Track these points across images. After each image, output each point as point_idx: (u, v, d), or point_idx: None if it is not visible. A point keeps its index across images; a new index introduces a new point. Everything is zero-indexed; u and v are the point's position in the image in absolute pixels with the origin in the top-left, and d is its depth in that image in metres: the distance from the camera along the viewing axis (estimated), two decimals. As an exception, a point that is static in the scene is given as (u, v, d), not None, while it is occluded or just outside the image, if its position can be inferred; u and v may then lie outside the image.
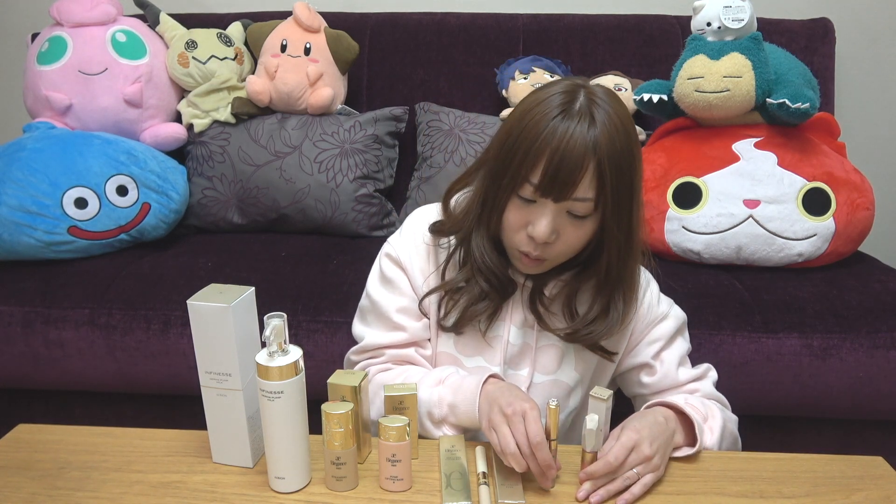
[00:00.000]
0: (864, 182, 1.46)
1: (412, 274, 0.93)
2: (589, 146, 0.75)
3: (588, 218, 0.80)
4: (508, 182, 0.79)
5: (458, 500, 0.73)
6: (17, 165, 1.46)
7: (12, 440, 0.86)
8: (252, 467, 0.80)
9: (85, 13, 1.69)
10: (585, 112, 0.76)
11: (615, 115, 0.77)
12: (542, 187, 0.77)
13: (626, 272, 0.86)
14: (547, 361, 0.93)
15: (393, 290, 0.93)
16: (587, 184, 0.76)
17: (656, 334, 0.93)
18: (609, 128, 0.76)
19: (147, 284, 1.39)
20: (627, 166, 0.77)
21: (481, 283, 0.87)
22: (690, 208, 1.45)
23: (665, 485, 0.78)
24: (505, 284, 0.89)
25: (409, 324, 0.92)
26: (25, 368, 1.38)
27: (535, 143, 0.76)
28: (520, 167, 0.77)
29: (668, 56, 1.77)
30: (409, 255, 0.93)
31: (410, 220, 0.96)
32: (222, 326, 0.74)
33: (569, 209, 0.79)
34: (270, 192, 1.69)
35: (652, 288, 0.96)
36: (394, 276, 0.93)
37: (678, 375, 0.94)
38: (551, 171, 0.75)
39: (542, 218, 0.79)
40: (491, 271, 0.87)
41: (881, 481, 0.80)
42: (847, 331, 1.27)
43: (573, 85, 0.79)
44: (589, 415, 0.76)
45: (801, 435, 1.41)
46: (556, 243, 0.81)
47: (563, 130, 0.75)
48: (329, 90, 1.76)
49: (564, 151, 0.74)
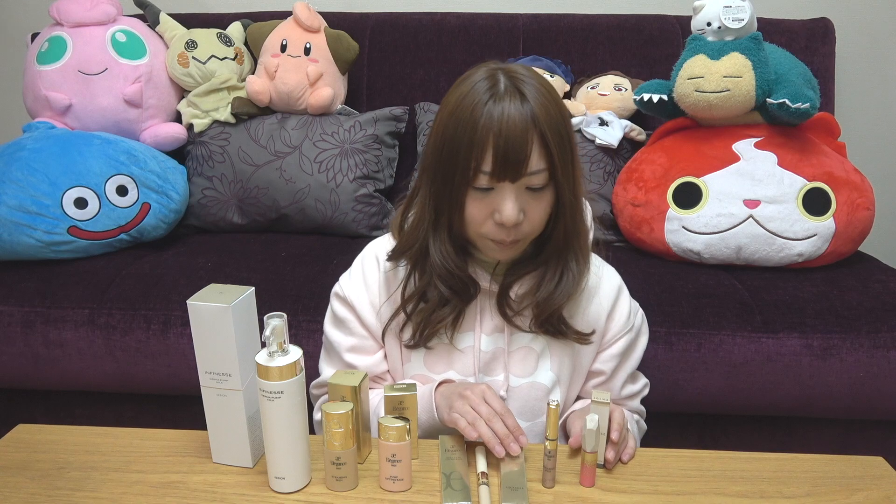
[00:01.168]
0: (864, 182, 1.46)
1: (361, 311, 0.94)
2: (528, 120, 0.76)
3: (546, 188, 0.81)
4: (461, 178, 0.80)
5: (458, 500, 0.73)
6: (17, 165, 1.46)
7: (12, 440, 0.86)
8: (252, 467, 0.80)
9: (85, 13, 1.69)
10: (513, 90, 0.77)
11: (540, 86, 0.79)
12: (497, 172, 0.78)
13: (578, 234, 0.87)
14: (521, 364, 0.93)
15: (343, 330, 0.95)
16: (536, 156, 0.78)
17: (619, 347, 0.95)
18: (540, 98, 0.78)
19: (147, 284, 1.39)
20: (565, 130, 0.80)
21: (441, 289, 0.87)
22: (690, 208, 1.45)
23: (665, 485, 0.78)
24: (466, 286, 0.89)
25: (360, 362, 0.94)
26: (25, 368, 1.38)
27: (475, 133, 0.77)
28: (468, 160, 0.78)
29: (668, 56, 1.77)
30: (356, 293, 0.94)
31: (358, 258, 0.98)
32: (222, 326, 0.74)
33: (527, 185, 0.80)
34: (270, 192, 1.69)
35: (624, 295, 0.97)
36: (344, 316, 0.95)
37: (621, 391, 0.98)
38: (501, 155, 0.77)
39: (506, 202, 0.79)
40: (452, 274, 0.87)
41: (881, 481, 0.80)
42: (847, 331, 1.27)
43: (490, 69, 0.80)
44: (589, 415, 0.76)
45: (801, 435, 1.41)
46: (525, 222, 0.82)
47: (499, 113, 0.76)
48: (329, 90, 1.76)
49: (508, 132, 0.76)
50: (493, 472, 0.79)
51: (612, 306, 0.94)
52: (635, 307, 0.98)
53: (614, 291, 0.95)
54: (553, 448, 0.75)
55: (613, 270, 0.98)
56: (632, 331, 0.96)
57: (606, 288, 0.95)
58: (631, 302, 0.97)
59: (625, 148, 1.72)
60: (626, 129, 1.70)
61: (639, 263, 1.48)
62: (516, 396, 0.93)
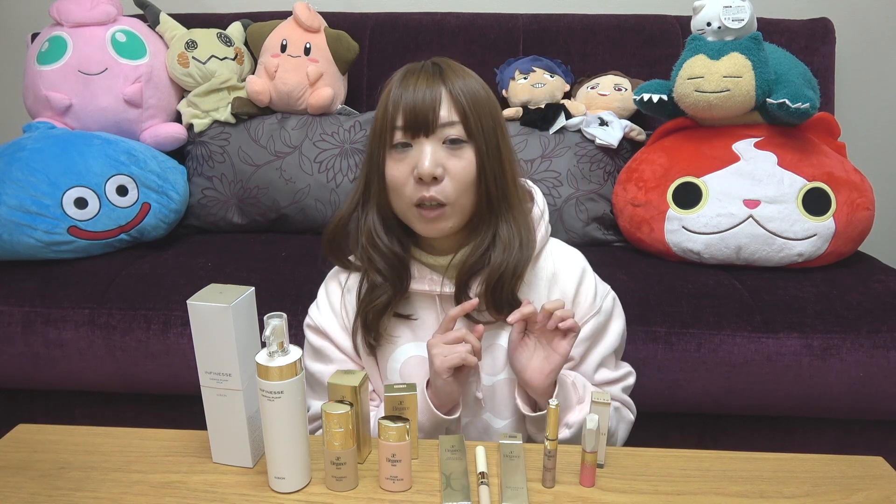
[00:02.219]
0: (864, 182, 1.46)
1: (335, 338, 0.95)
2: (437, 79, 0.84)
3: (465, 146, 0.84)
4: (379, 142, 0.85)
5: (458, 500, 0.73)
6: (17, 165, 1.46)
7: (12, 440, 0.86)
8: (252, 467, 0.80)
9: (85, 13, 1.69)
10: (429, 65, 0.87)
11: (461, 67, 0.87)
12: (409, 125, 0.83)
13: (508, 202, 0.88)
14: (492, 362, 0.93)
15: (322, 360, 0.96)
16: (447, 108, 0.83)
17: (587, 331, 0.94)
18: (454, 69, 0.86)
19: (147, 284, 1.39)
20: (480, 94, 0.85)
21: (377, 266, 0.89)
22: (690, 208, 1.45)
23: (665, 485, 0.78)
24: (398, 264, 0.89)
25: None
26: (25, 368, 1.38)
27: (390, 100, 0.84)
28: (383, 124, 0.84)
29: (668, 56, 1.76)
30: (326, 320, 0.96)
31: (321, 287, 1.00)
32: (222, 326, 0.74)
33: (443, 138, 0.83)
34: (270, 192, 1.69)
35: (588, 276, 0.96)
36: (320, 346, 0.96)
37: (595, 377, 0.96)
38: (410, 109, 0.82)
39: (423, 155, 0.83)
40: (382, 251, 0.89)
41: (881, 481, 0.80)
42: (847, 331, 1.27)
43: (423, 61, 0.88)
44: (589, 415, 0.76)
45: (801, 435, 1.41)
46: (447, 181, 0.84)
47: (412, 79, 0.84)
48: (329, 90, 1.76)
49: (417, 90, 0.83)
50: (492, 472, 0.79)
51: (575, 290, 0.94)
52: (604, 290, 0.97)
53: (577, 275, 0.94)
54: (553, 448, 0.75)
55: (578, 254, 0.97)
56: (600, 313, 0.94)
57: (568, 272, 0.94)
58: (598, 284, 0.96)
59: (625, 148, 1.72)
60: (626, 129, 1.70)
61: (639, 263, 1.48)
62: (491, 394, 0.93)
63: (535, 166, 1.65)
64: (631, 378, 1.01)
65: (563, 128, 1.71)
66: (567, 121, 1.71)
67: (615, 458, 0.83)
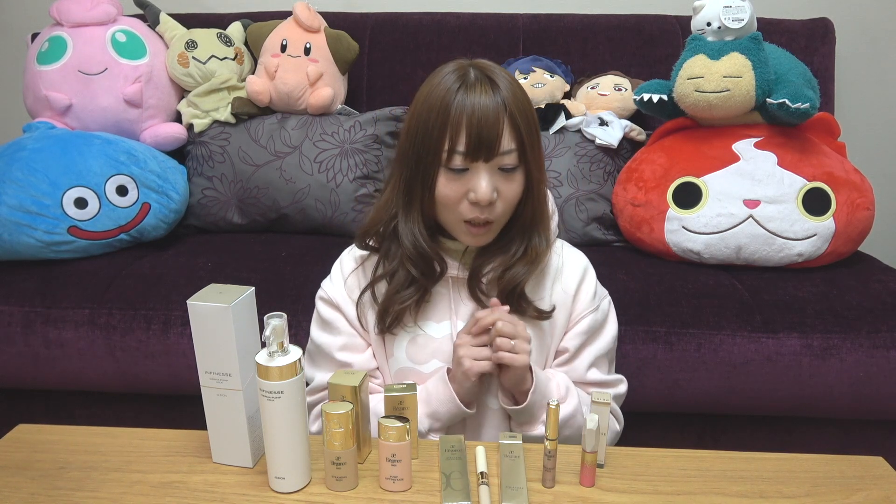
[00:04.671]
0: (864, 182, 1.46)
1: (346, 310, 0.97)
2: (500, 104, 0.83)
3: (517, 170, 0.87)
4: (433, 159, 0.85)
5: (458, 500, 0.73)
6: (17, 165, 1.46)
7: (12, 440, 0.86)
8: (252, 467, 0.80)
9: (85, 13, 1.69)
10: (484, 79, 0.85)
11: (508, 77, 0.87)
12: (472, 152, 0.83)
13: (543, 215, 0.93)
14: None
15: (332, 332, 0.97)
16: (507, 137, 0.84)
17: (583, 326, 0.97)
18: (509, 86, 0.85)
19: (147, 284, 1.39)
20: (532, 116, 0.87)
21: (411, 269, 0.91)
22: (690, 208, 1.45)
23: (665, 485, 0.78)
24: (433, 266, 0.92)
25: (353, 359, 0.96)
26: (25, 368, 1.38)
27: (449, 117, 0.83)
28: (441, 142, 0.84)
29: (668, 56, 1.77)
30: (339, 292, 0.97)
31: (336, 262, 1.01)
32: (222, 326, 0.74)
33: (499, 165, 0.85)
34: (270, 192, 1.69)
35: (590, 275, 0.99)
36: (330, 318, 0.97)
37: (587, 374, 0.97)
38: (475, 135, 0.82)
39: (481, 180, 0.85)
40: (421, 255, 0.91)
41: (881, 481, 0.80)
42: (847, 331, 1.27)
43: (460, 64, 0.87)
44: (589, 415, 0.76)
45: (801, 435, 1.41)
46: (498, 201, 0.87)
47: (472, 98, 0.83)
48: (329, 90, 1.76)
49: (481, 114, 0.82)
50: (492, 472, 0.79)
51: (577, 286, 0.97)
52: (603, 292, 1.01)
53: (580, 272, 0.98)
54: (553, 448, 0.76)
55: (580, 254, 1.01)
56: (598, 311, 0.97)
57: (572, 269, 0.98)
58: (598, 285, 1.00)
59: (625, 148, 1.72)
60: (626, 129, 1.70)
61: (639, 263, 1.48)
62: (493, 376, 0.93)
63: (535, 166, 1.65)
64: (622, 386, 1.02)
65: (563, 128, 1.71)
66: (567, 121, 1.71)
67: (615, 458, 0.83)
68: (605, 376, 0.99)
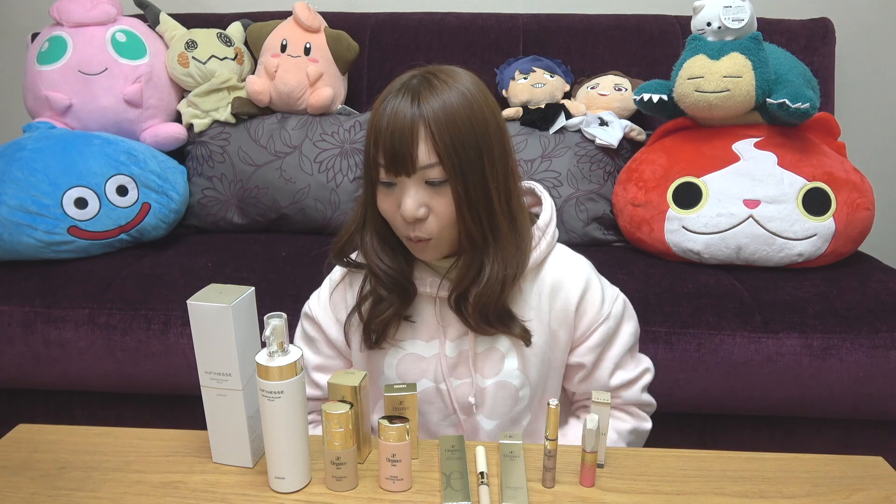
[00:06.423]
0: (864, 182, 1.46)
1: (328, 331, 0.96)
2: (415, 115, 0.78)
3: (446, 184, 0.80)
4: (368, 174, 0.84)
5: (458, 500, 0.73)
6: (17, 165, 1.46)
7: (12, 440, 0.86)
8: (252, 467, 0.80)
9: (85, 13, 1.69)
10: (417, 88, 0.79)
11: (453, 85, 0.80)
12: (389, 165, 0.80)
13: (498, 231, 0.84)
14: (487, 365, 0.92)
15: (312, 349, 0.98)
16: (425, 150, 0.78)
17: (597, 339, 0.92)
18: (439, 95, 0.79)
19: (147, 284, 1.39)
20: (465, 126, 0.79)
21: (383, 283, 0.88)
22: (690, 208, 1.45)
23: (665, 485, 0.78)
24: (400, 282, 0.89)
25: (325, 381, 0.93)
26: (25, 368, 1.38)
27: (374, 129, 0.81)
28: (368, 158, 0.82)
29: (668, 56, 1.77)
30: (323, 311, 0.96)
31: (327, 277, 1.00)
32: (222, 326, 0.74)
33: (425, 179, 0.80)
34: (270, 192, 1.69)
35: (593, 286, 0.93)
36: (313, 335, 0.97)
37: (610, 381, 0.95)
38: (390, 148, 0.78)
39: (406, 196, 0.80)
40: (385, 271, 0.88)
41: (881, 481, 0.80)
42: (847, 331, 1.27)
43: (418, 70, 0.83)
44: (589, 415, 0.76)
45: (801, 435, 1.41)
46: (431, 218, 0.82)
47: (391, 108, 0.79)
48: (329, 90, 1.76)
49: (394, 126, 0.78)
50: (492, 472, 0.79)
51: (578, 300, 0.91)
52: (612, 294, 0.95)
53: (581, 285, 0.91)
54: (553, 448, 0.75)
55: (583, 262, 0.94)
56: (609, 319, 0.92)
57: (572, 282, 0.92)
58: (606, 290, 0.94)
59: (625, 148, 1.72)
60: (626, 129, 1.70)
61: (639, 263, 1.48)
62: (485, 397, 0.93)
63: (535, 166, 1.65)
64: (648, 375, 0.99)
65: (563, 128, 1.71)
66: (567, 121, 1.71)
67: (615, 458, 0.83)
68: (629, 374, 0.96)
